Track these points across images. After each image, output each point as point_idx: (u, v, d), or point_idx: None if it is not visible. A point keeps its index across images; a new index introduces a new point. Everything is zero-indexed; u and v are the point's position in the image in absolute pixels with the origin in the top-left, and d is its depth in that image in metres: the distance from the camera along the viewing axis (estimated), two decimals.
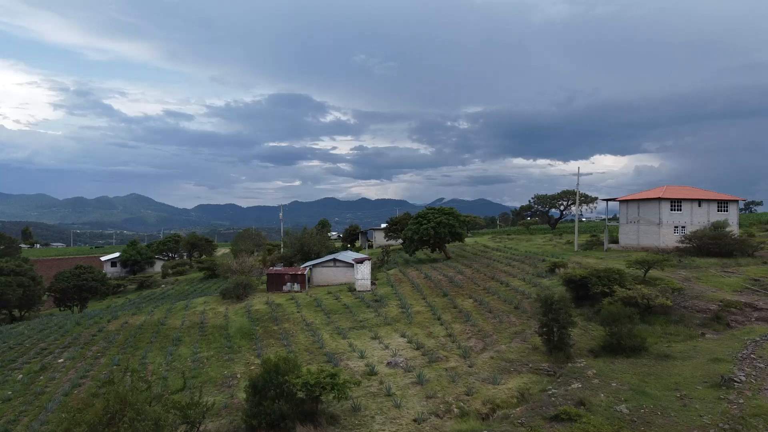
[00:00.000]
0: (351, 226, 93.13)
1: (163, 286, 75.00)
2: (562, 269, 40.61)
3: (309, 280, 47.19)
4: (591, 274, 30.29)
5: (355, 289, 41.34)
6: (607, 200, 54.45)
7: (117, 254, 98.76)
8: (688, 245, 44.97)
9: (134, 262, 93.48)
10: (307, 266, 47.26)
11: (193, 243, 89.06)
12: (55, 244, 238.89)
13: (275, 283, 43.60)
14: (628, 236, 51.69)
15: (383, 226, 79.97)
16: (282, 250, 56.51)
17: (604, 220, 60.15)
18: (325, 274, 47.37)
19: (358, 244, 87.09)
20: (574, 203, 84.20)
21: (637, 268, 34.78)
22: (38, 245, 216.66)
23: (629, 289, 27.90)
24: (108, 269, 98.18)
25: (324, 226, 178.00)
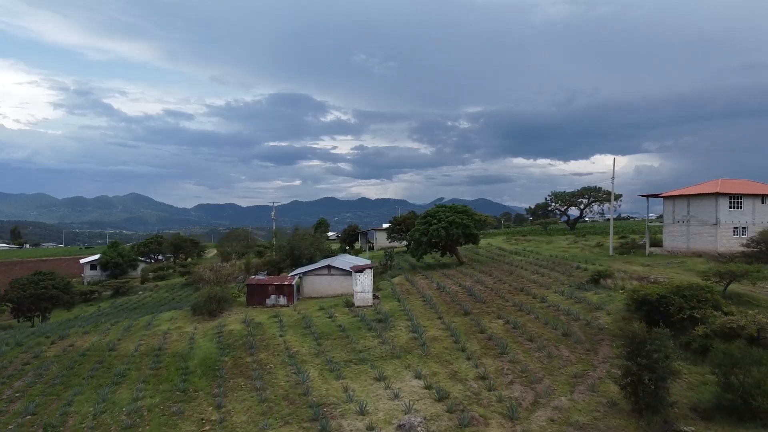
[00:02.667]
0: (350, 226, 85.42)
1: (140, 292, 67.41)
2: (608, 280, 32.92)
3: (298, 291, 39.54)
4: (672, 291, 22.52)
5: (353, 304, 33.70)
6: (647, 196, 46.85)
7: (97, 256, 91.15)
8: (755, 250, 37.27)
9: (115, 265, 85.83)
10: (297, 274, 39.61)
11: (176, 244, 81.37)
12: (46, 244, 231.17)
13: (257, 295, 35.95)
14: (674, 238, 43.99)
15: (386, 226, 72.24)
16: (273, 254, 49.05)
17: (639, 219, 52.64)
18: (318, 284, 39.71)
19: (358, 245, 79.27)
20: (596, 201, 76.60)
21: (715, 281, 27.07)
22: (28, 245, 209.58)
23: (731, 315, 20.23)
24: (87, 272, 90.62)
25: (322, 225, 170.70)
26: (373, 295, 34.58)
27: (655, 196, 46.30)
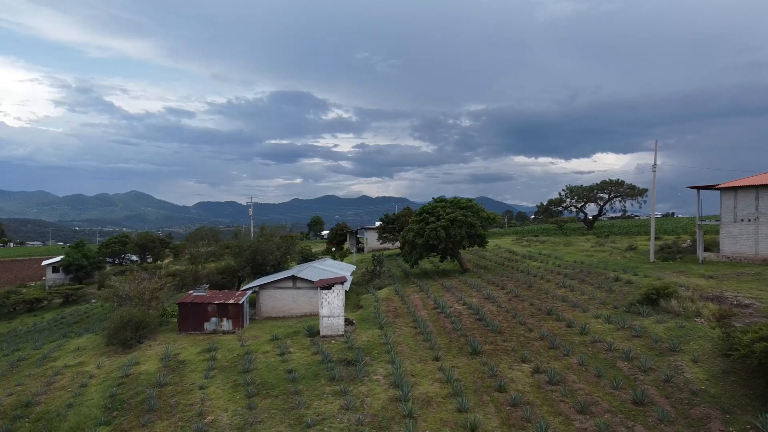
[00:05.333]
0: (338, 225, 75.96)
1: (93, 301, 58.40)
2: (673, 300, 23.66)
3: (255, 309, 30.45)
4: None
5: (317, 333, 24.55)
6: (697, 188, 37.54)
7: (60, 258, 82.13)
8: None
9: (78, 267, 76.98)
10: (252, 288, 30.48)
11: (143, 244, 72.22)
12: (31, 243, 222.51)
13: (192, 318, 26.83)
14: (737, 241, 34.71)
15: (379, 224, 63.00)
16: (233, 260, 39.89)
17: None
18: (280, 300, 30.61)
19: (347, 246, 69.94)
20: (618, 196, 67.27)
21: None
22: (12, 244, 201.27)
23: None
24: (49, 275, 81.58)
25: (317, 224, 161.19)
26: (347, 321, 25.33)
27: (708, 187, 36.95)
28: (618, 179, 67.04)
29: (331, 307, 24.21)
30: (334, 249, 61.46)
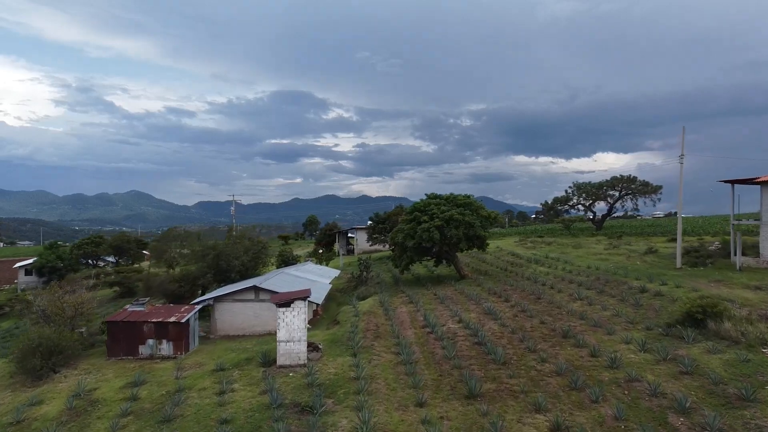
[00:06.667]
0: (328, 225, 70.81)
1: None
2: (726, 322, 18.54)
3: (211, 325, 25.43)
4: None
5: (274, 363, 19.46)
6: (732, 182, 32.42)
7: (33, 259, 77.14)
8: None
9: (52, 269, 72.10)
10: (205, 301, 25.41)
11: (117, 246, 67.18)
12: (22, 243, 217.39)
13: (124, 340, 21.80)
14: None
15: (370, 223, 57.86)
16: (194, 264, 34.74)
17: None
18: (239, 316, 25.55)
19: (337, 248, 64.75)
20: (630, 193, 62.09)
21: None
22: (2, 243, 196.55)
23: None
24: (22, 278, 76.83)
25: (313, 223, 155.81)
26: (312, 345, 20.18)
27: (746, 181, 31.79)
28: (630, 175, 61.86)
29: (290, 330, 19.13)
30: (321, 251, 56.46)
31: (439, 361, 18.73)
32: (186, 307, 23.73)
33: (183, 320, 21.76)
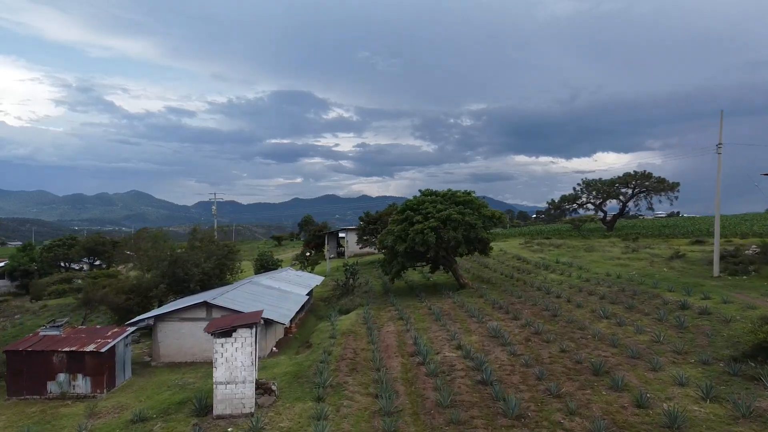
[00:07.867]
0: (317, 226, 66.13)
1: (17, 317, 48.66)
2: None
3: (153, 350, 20.64)
4: None
5: (211, 412, 14.63)
6: None
7: (5, 262, 72.39)
8: None
9: (25, 272, 67.27)
10: (141, 322, 20.58)
11: (90, 248, 62.36)
12: (12, 243, 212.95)
13: (29, 375, 17.01)
14: None
15: (360, 224, 52.96)
16: (147, 273, 29.60)
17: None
18: (188, 339, 20.74)
19: (326, 250, 59.86)
20: (644, 191, 57.25)
21: None
22: None
23: None
24: None
25: (308, 224, 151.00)
26: (262, 387, 15.31)
27: None
28: (645, 171, 57.02)
29: (232, 367, 14.32)
30: (309, 254, 51.72)
31: (431, 411, 13.91)
32: (115, 330, 18.95)
33: (104, 349, 16.96)
